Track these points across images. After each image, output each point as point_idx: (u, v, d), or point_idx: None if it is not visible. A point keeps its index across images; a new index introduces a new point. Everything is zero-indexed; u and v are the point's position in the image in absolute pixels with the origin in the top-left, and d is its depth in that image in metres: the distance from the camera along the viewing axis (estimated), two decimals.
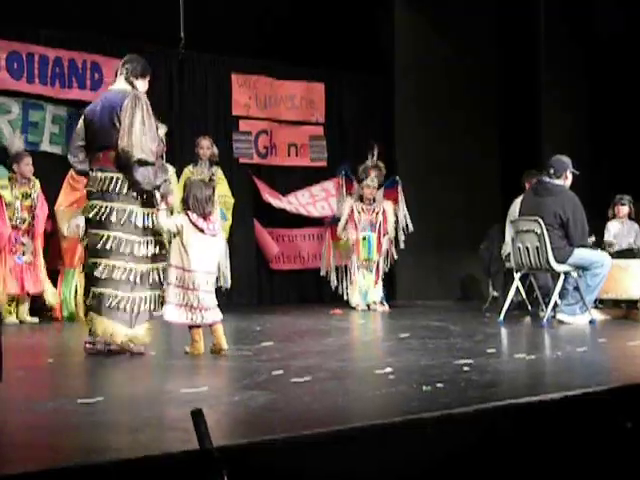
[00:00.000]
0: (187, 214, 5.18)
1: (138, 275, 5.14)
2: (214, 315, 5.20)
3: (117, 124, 5.10)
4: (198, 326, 5.18)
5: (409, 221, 9.25)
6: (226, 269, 8.91)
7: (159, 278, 5.23)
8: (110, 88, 5.46)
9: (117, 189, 5.12)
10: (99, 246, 5.11)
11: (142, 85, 5.36)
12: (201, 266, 5.13)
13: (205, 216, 5.18)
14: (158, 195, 5.20)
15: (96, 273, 5.12)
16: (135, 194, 5.15)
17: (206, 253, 5.17)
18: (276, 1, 10.11)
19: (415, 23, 10.73)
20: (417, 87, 10.70)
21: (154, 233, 5.24)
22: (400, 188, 9.35)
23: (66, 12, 8.46)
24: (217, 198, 8.26)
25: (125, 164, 5.07)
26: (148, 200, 5.20)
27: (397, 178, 9.47)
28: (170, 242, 5.29)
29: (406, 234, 9.27)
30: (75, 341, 5.81)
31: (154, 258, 5.23)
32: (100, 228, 5.13)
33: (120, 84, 5.33)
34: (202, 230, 5.15)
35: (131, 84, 5.30)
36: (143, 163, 5.05)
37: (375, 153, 9.34)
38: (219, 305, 5.32)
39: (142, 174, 5.06)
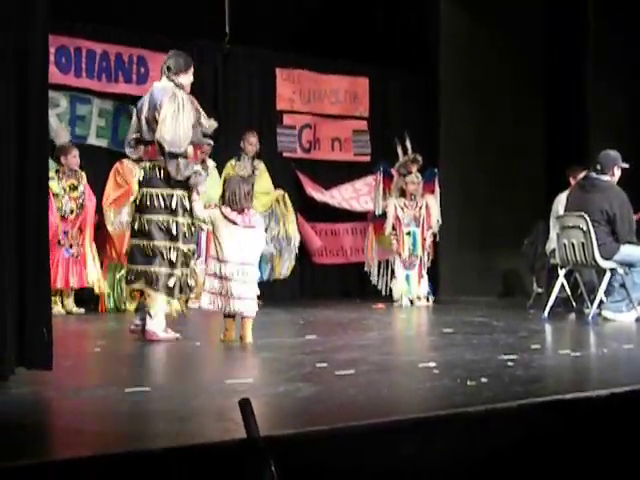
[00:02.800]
0: (220, 208, 5.45)
1: (180, 253, 5.52)
2: (246, 307, 5.33)
3: (158, 119, 5.49)
4: (232, 315, 5.36)
5: (439, 216, 9.24)
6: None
7: (190, 258, 5.64)
8: (155, 85, 5.76)
9: (161, 176, 5.52)
10: (144, 229, 5.52)
11: (185, 79, 5.69)
12: (234, 257, 5.31)
13: (241, 210, 5.38)
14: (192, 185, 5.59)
15: (141, 253, 5.52)
16: (175, 180, 5.52)
17: (240, 245, 5.34)
18: None
19: (461, 17, 10.66)
20: (462, 82, 10.63)
21: (193, 216, 5.62)
22: (437, 181, 9.33)
23: (113, 7, 8.56)
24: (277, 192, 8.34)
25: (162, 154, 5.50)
26: (187, 186, 5.57)
27: (435, 170, 9.43)
28: (201, 229, 5.60)
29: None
30: (121, 331, 5.89)
31: (190, 239, 5.62)
32: (145, 212, 5.53)
33: (163, 81, 5.69)
34: (235, 222, 5.35)
35: (172, 81, 5.63)
36: (173, 155, 5.44)
37: (409, 146, 9.29)
38: (262, 296, 5.43)
39: (173, 165, 5.46)
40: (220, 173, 8.72)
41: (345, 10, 10.15)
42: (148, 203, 5.51)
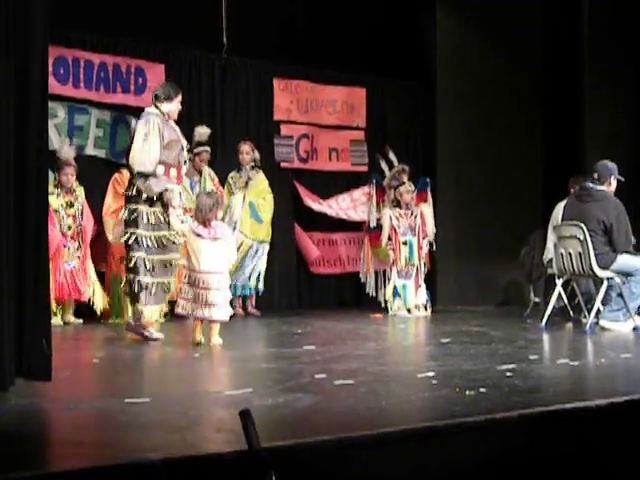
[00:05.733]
0: (191, 222, 5.93)
1: (153, 263, 6.03)
2: (216, 312, 5.72)
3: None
4: (200, 320, 5.79)
5: (433, 224, 9.28)
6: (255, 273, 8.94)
7: (170, 267, 6.15)
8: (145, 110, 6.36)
9: (139, 193, 6.04)
10: (127, 241, 6.08)
11: (169, 107, 6.22)
12: (205, 267, 5.76)
13: (205, 223, 5.81)
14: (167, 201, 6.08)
15: (128, 264, 6.10)
16: (150, 197, 6.04)
17: (209, 255, 5.78)
18: (318, 7, 10.14)
19: (457, 27, 10.68)
20: (459, 92, 10.64)
21: (168, 229, 6.10)
22: (430, 190, 9.36)
23: (111, 18, 8.56)
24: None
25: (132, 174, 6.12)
26: (161, 203, 6.08)
27: (427, 180, 9.46)
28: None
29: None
30: (119, 342, 5.90)
31: (165, 250, 6.10)
32: (130, 227, 6.08)
33: (150, 108, 6.27)
34: (200, 235, 5.79)
35: (158, 108, 6.19)
36: (143, 174, 5.99)
37: (394, 158, 9.35)
38: (259, 307, 5.45)
39: (143, 183, 6.00)
40: (222, 185, 8.77)
41: (342, 20, 10.17)
42: (131, 218, 6.04)
